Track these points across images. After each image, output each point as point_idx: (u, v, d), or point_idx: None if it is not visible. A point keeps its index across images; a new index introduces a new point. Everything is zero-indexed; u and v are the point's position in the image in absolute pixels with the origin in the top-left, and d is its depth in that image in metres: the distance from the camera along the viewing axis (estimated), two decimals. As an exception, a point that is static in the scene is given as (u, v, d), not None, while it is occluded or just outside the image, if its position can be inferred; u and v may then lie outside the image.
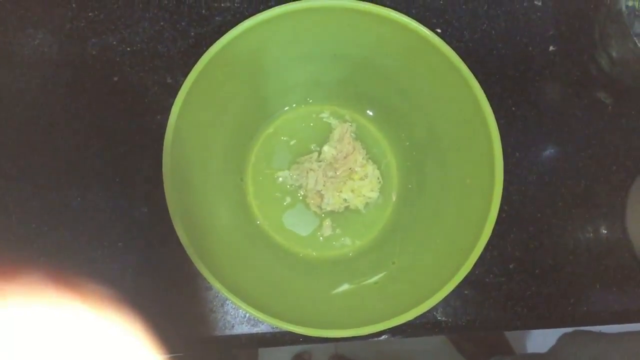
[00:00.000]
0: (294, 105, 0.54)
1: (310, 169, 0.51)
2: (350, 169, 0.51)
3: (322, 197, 0.51)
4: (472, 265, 0.40)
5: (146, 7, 0.56)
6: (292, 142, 0.54)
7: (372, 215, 0.53)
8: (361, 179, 0.52)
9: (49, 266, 0.51)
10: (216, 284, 0.39)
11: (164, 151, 0.40)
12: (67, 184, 0.53)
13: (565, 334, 0.80)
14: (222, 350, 0.51)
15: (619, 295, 0.53)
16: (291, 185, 0.53)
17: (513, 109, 0.56)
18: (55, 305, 0.16)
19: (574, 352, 0.72)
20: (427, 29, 0.42)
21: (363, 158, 0.52)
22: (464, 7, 0.58)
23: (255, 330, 0.51)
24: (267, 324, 0.50)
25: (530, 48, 0.57)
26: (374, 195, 0.52)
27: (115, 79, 0.55)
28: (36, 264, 0.51)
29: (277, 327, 0.49)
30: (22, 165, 0.53)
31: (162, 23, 0.56)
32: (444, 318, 0.52)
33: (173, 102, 0.41)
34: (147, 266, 0.51)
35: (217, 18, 0.56)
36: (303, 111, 0.54)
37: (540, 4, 0.58)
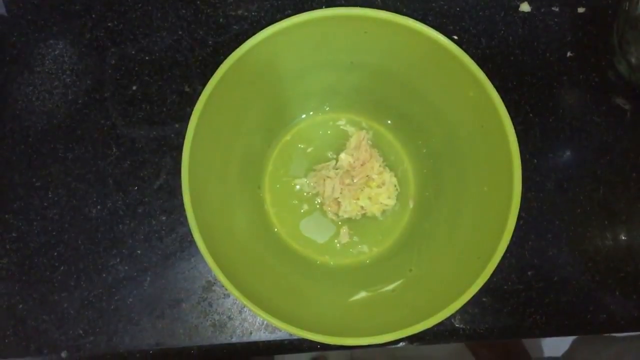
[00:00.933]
0: (311, 112, 0.54)
1: (327, 177, 0.51)
2: (367, 176, 0.52)
3: (339, 204, 0.51)
4: (490, 273, 0.40)
5: (164, 17, 0.57)
6: (309, 150, 0.54)
7: (389, 223, 0.53)
8: (378, 186, 0.52)
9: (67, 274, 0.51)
10: (234, 292, 0.39)
11: (182, 160, 0.40)
12: (86, 193, 0.53)
13: (580, 337, 0.79)
14: (240, 357, 0.51)
15: (639, 303, 0.52)
16: (308, 193, 0.53)
17: (531, 115, 0.55)
18: None
19: (589, 356, 0.72)
20: (444, 36, 0.42)
21: (380, 165, 0.52)
22: (480, 13, 0.58)
23: (272, 337, 0.51)
24: (284, 331, 0.50)
25: (547, 54, 0.57)
26: (391, 202, 0.52)
27: (134, 87, 0.55)
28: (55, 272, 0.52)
29: (294, 334, 0.49)
30: (42, 174, 0.53)
31: (180, 32, 0.57)
32: (462, 325, 0.51)
33: (191, 110, 0.41)
34: (165, 273, 0.52)
35: (234, 27, 0.57)
36: (320, 119, 0.54)
37: (557, 9, 0.57)
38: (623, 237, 0.54)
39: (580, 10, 0.58)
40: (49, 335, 0.50)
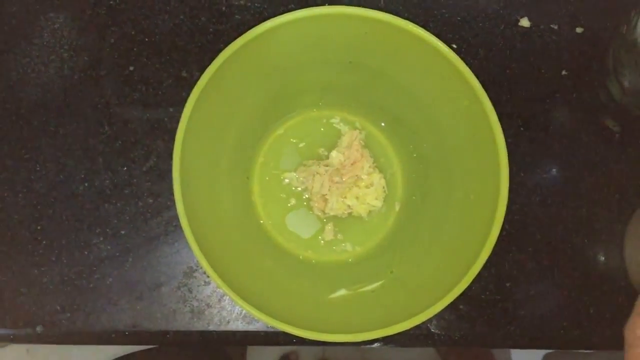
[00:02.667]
0: (306, 108, 0.54)
1: (317, 173, 0.52)
2: (356, 176, 0.52)
3: (326, 201, 0.52)
4: (470, 282, 0.40)
5: (167, 0, 0.57)
6: (301, 145, 0.54)
7: (374, 224, 0.53)
8: (367, 186, 0.52)
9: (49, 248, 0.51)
10: (217, 280, 0.39)
11: (175, 144, 0.41)
12: (75, 169, 0.53)
13: (550, 353, 0.80)
14: (215, 345, 0.52)
15: (612, 322, 0.53)
16: (296, 188, 0.53)
17: (522, 129, 0.56)
18: None
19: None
20: (443, 43, 0.43)
21: (370, 166, 0.52)
22: (480, 25, 0.58)
23: (249, 327, 0.51)
24: (262, 322, 0.50)
25: (543, 70, 0.57)
26: (378, 203, 0.52)
27: (131, 68, 0.55)
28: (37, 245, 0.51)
29: (271, 327, 0.49)
30: (31, 147, 0.53)
31: (181, 17, 0.56)
32: (437, 331, 0.52)
33: (186, 95, 0.41)
34: (148, 256, 0.52)
35: (236, 16, 0.57)
36: (314, 115, 0.54)
37: (556, 27, 0.58)
38: (602, 257, 0.54)
39: (579, 30, 0.58)
40: (26, 309, 0.50)
